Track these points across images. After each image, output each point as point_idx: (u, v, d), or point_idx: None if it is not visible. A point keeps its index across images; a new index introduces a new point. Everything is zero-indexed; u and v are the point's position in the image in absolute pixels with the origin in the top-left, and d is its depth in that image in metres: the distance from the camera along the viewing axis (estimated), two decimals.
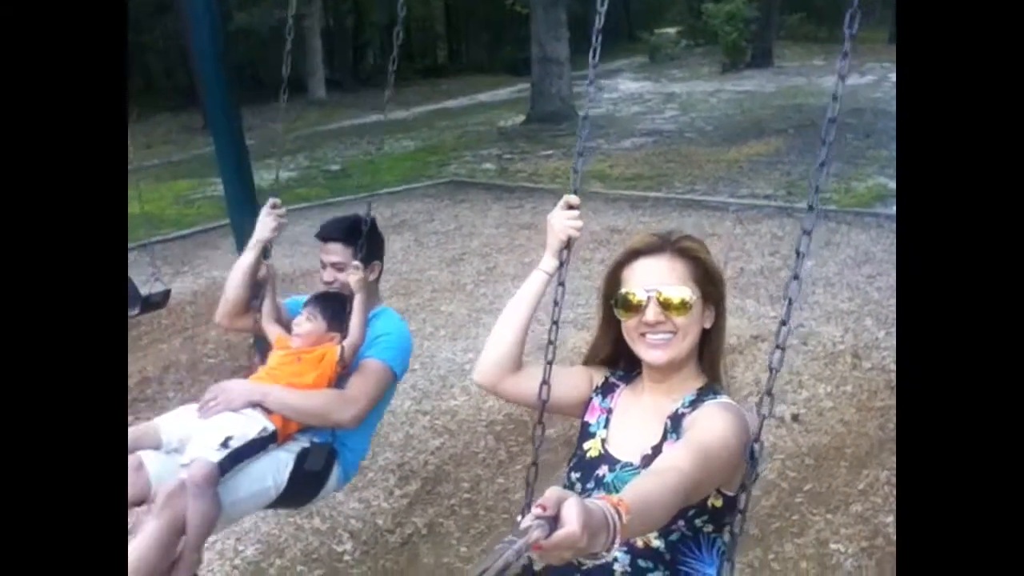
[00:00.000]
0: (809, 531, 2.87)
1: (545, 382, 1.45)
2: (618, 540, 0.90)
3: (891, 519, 2.86)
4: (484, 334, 4.98)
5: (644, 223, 7.23)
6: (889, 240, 6.27)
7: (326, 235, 2.40)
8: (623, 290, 1.38)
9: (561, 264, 1.49)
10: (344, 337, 2.24)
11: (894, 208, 7.02)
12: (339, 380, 2.21)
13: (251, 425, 2.07)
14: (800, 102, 13.14)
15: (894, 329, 4.54)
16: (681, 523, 1.29)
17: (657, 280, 1.35)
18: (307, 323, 2.27)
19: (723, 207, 7.58)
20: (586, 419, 1.50)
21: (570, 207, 1.49)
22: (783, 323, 1.23)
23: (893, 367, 4.07)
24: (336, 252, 2.36)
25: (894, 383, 3.88)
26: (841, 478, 3.16)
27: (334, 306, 2.29)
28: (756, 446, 1.26)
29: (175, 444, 2.06)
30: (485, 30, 30.80)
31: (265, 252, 2.40)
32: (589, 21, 1.51)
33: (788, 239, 6.43)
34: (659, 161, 9.99)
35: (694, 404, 1.36)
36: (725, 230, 6.79)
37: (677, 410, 1.37)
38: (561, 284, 1.48)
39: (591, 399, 1.52)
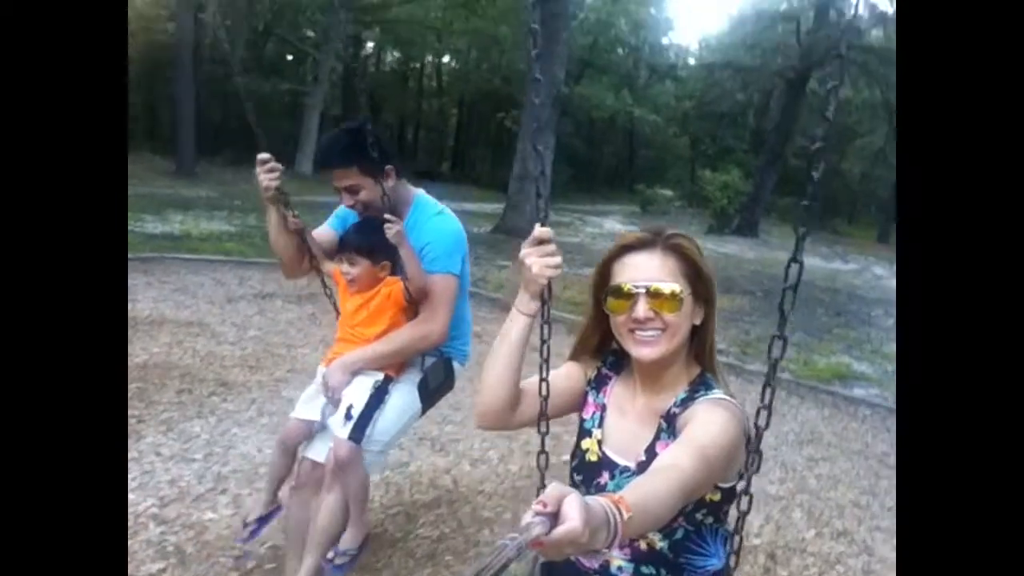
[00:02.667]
0: None
1: (543, 415, 1.42)
2: (619, 537, 0.90)
3: None
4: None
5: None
6: (842, 424, 5.33)
7: (325, 162, 2.28)
8: (613, 284, 1.35)
9: (544, 303, 1.39)
10: (393, 257, 2.23)
11: (854, 390, 6.14)
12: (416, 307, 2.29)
13: (362, 386, 2.25)
14: (776, 272, 12.57)
15: (826, 531, 3.50)
16: (681, 519, 1.29)
17: (647, 276, 1.32)
18: (352, 268, 2.25)
19: None
20: (583, 415, 1.48)
21: (541, 242, 1.35)
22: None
23: None
24: (343, 176, 2.24)
25: None
26: None
27: (367, 236, 2.23)
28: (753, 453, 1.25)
29: (322, 422, 2.31)
30: (491, 149, 31.34)
31: (286, 203, 2.31)
32: (592, 163, 1.04)
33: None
34: None
35: (685, 402, 1.34)
36: None
37: (670, 409, 1.35)
38: (547, 323, 1.39)
39: (586, 393, 1.49)
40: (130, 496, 3.00)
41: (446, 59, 30.90)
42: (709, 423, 1.23)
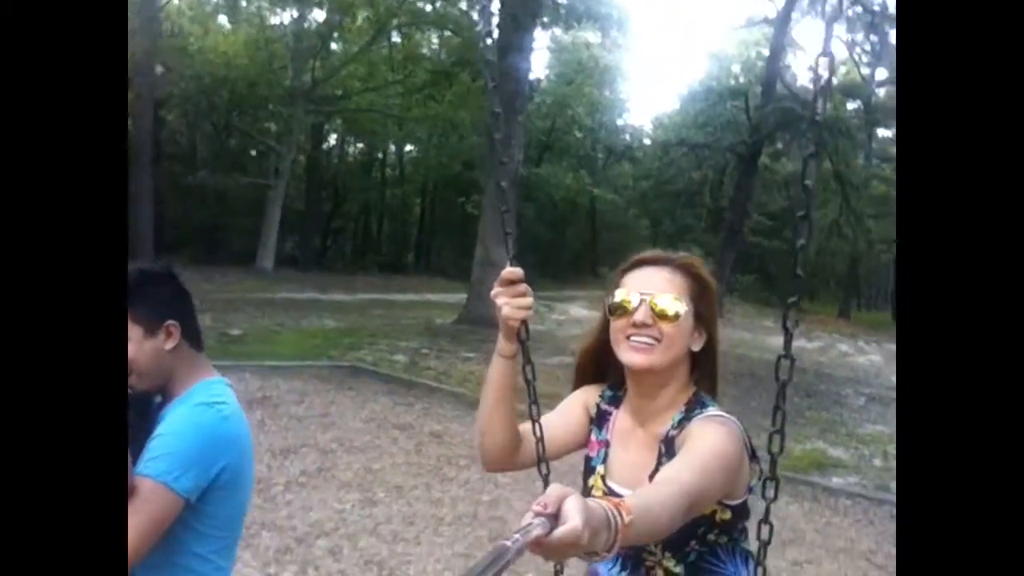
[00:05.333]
0: None
1: (543, 460, 1.46)
2: (619, 540, 0.91)
3: None
4: (248, 560, 3.50)
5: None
6: (823, 519, 5.09)
7: None
8: (619, 291, 1.40)
9: (522, 343, 1.42)
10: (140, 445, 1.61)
11: (833, 479, 5.92)
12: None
13: None
14: (742, 352, 12.58)
15: None
16: (694, 543, 1.32)
17: (653, 286, 1.37)
18: None
19: None
20: (588, 454, 1.51)
21: (511, 282, 1.36)
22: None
23: None
24: None
25: None
26: None
27: None
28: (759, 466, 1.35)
29: None
30: (455, 237, 31.49)
31: None
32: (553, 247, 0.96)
33: None
34: None
35: (682, 423, 1.36)
36: None
37: (668, 432, 1.37)
38: (530, 363, 1.42)
39: (589, 432, 1.52)
40: None
41: (408, 147, 31.39)
42: (705, 437, 1.26)
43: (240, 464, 1.62)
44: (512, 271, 1.36)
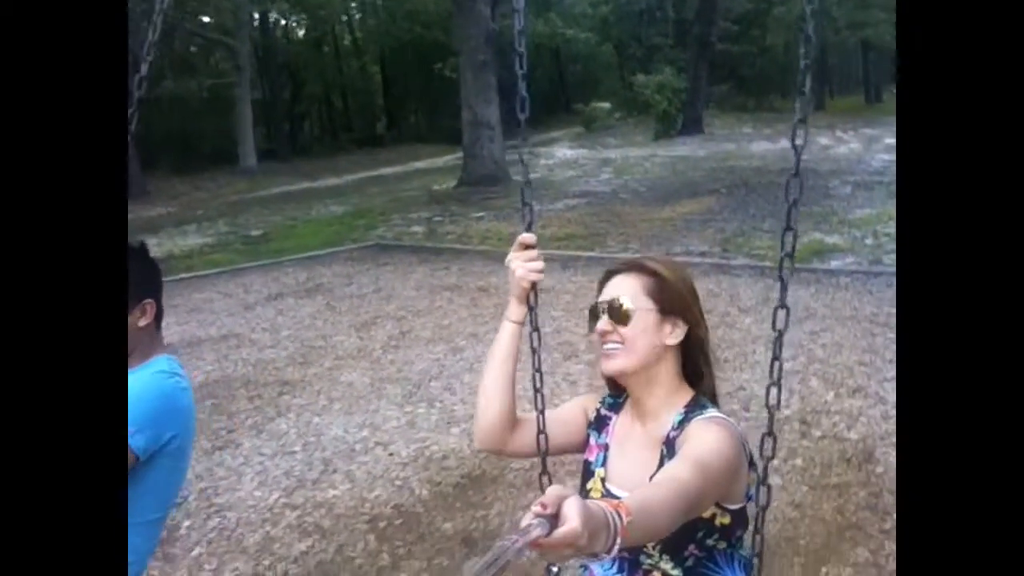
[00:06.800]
0: None
1: (541, 431, 1.46)
2: (619, 541, 0.91)
3: None
4: (386, 406, 4.40)
5: (575, 282, 6.78)
6: (829, 296, 5.96)
7: None
8: (592, 305, 1.44)
9: (531, 309, 1.45)
10: None
11: (832, 263, 6.77)
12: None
13: None
14: (731, 164, 13.19)
15: (843, 391, 4.11)
16: (692, 547, 1.32)
17: (609, 294, 1.40)
18: None
19: None
20: (587, 458, 1.51)
21: (527, 247, 1.42)
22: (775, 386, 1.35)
23: (846, 435, 3.60)
24: None
25: (848, 455, 3.40)
26: None
27: None
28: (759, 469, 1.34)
29: None
30: (423, 101, 30.99)
31: None
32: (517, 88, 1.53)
33: (724, 296, 6.07)
34: (592, 221, 9.68)
35: (682, 424, 1.36)
36: None
37: (668, 434, 1.37)
38: (536, 330, 1.46)
39: (588, 436, 1.52)
40: (256, 493, 3.45)
41: (353, 10, 30.08)
42: (705, 439, 1.27)
43: (186, 439, 1.61)
44: (527, 237, 1.41)
